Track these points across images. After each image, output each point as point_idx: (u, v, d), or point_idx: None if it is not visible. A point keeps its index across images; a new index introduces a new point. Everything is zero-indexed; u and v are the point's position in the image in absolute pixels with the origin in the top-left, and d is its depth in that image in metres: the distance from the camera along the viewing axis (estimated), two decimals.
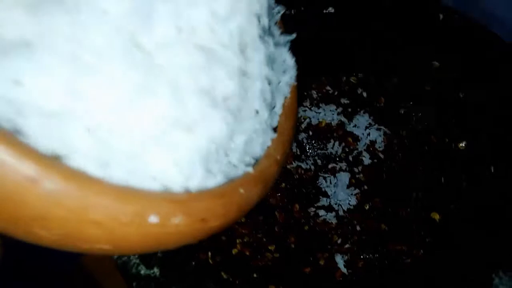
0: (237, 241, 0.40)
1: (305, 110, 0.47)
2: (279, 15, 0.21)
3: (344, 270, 0.37)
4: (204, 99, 0.16)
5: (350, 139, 0.45)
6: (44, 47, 0.13)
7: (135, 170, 0.15)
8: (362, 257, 0.37)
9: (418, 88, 0.38)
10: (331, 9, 0.38)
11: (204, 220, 0.16)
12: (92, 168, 0.14)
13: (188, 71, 0.16)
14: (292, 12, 0.39)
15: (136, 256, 0.27)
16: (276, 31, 0.20)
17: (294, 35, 0.21)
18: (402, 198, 0.40)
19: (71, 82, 0.13)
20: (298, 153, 0.47)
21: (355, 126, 0.45)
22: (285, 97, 0.20)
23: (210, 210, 0.16)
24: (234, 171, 0.17)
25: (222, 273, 0.28)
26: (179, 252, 0.27)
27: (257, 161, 0.19)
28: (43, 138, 0.13)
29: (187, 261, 0.26)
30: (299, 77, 0.21)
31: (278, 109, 0.20)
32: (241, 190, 0.17)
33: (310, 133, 0.47)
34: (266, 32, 0.19)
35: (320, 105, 0.46)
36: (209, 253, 0.31)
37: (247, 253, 0.39)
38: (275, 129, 0.20)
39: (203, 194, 0.16)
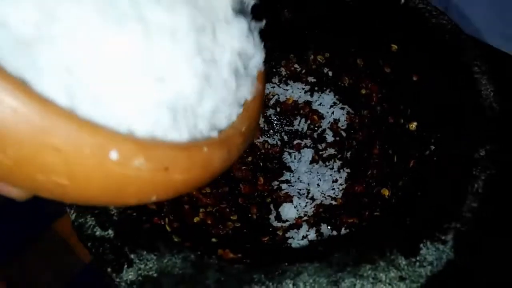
0: (201, 210, 0.42)
1: (273, 87, 0.48)
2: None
3: (299, 240, 0.39)
4: (176, 52, 0.16)
5: (315, 117, 0.47)
6: None
7: (102, 108, 0.15)
8: (316, 228, 0.39)
9: (379, 70, 0.39)
10: None
11: (167, 170, 0.16)
12: (59, 96, 0.14)
13: (163, 17, 0.16)
14: None
15: (93, 218, 0.28)
16: (248, 15, 0.21)
17: (264, 22, 0.21)
18: (359, 175, 0.42)
19: (46, 7, 0.14)
20: (266, 128, 0.49)
21: (320, 104, 0.46)
22: (253, 79, 0.21)
23: (173, 160, 0.16)
24: (199, 135, 0.18)
25: (173, 236, 0.29)
26: (135, 216, 0.28)
27: (222, 131, 0.19)
28: (12, 60, 0.13)
29: (142, 224, 0.28)
30: (269, 57, 0.21)
31: (245, 87, 0.20)
32: (205, 149, 0.17)
33: (278, 109, 0.48)
34: (240, 12, 0.20)
35: (288, 82, 0.47)
36: (167, 219, 0.33)
37: (209, 222, 0.41)
38: (241, 104, 0.20)
39: (168, 143, 0.16)
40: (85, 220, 0.28)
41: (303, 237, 0.40)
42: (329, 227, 0.38)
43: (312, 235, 0.39)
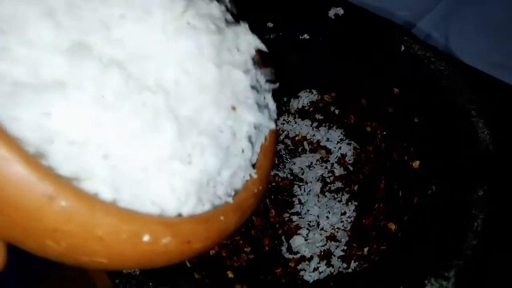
0: None
1: (283, 124, 0.51)
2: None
3: (310, 272, 0.41)
4: (202, 137, 0.19)
5: (323, 152, 0.49)
6: (73, 86, 0.16)
7: (139, 194, 0.17)
8: (326, 261, 0.41)
9: (382, 110, 0.42)
10: (306, 36, 0.42)
11: (189, 242, 0.18)
12: (105, 191, 0.16)
13: (192, 110, 0.19)
14: (271, 36, 0.42)
15: None
16: (262, 79, 0.23)
17: (277, 85, 0.23)
18: (367, 208, 0.44)
19: (93, 116, 0.16)
20: (276, 162, 0.51)
21: (328, 140, 0.49)
22: (265, 137, 0.23)
23: (195, 233, 0.18)
24: (217, 201, 0.20)
25: (195, 273, 0.31)
26: None
27: (236, 193, 0.21)
28: (65, 162, 0.16)
29: None
30: (279, 95, 0.23)
31: (258, 148, 0.22)
32: (222, 217, 0.19)
33: (288, 144, 0.51)
34: (255, 81, 0.22)
35: (297, 119, 0.50)
36: None
37: (224, 254, 0.43)
38: (253, 165, 0.22)
39: (190, 218, 0.18)
40: None
41: (314, 269, 0.41)
42: (339, 259, 0.40)
43: (322, 267, 0.41)
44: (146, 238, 0.17)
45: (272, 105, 0.23)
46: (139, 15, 0.18)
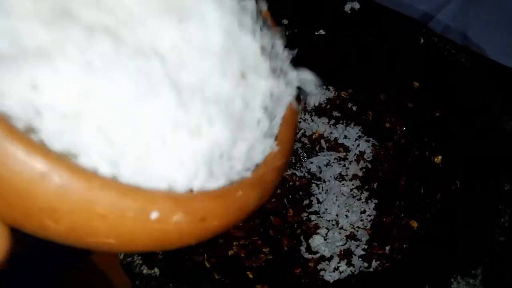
0: (234, 243, 0.44)
1: (300, 122, 0.50)
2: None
3: (331, 272, 0.41)
4: (208, 104, 0.17)
5: (341, 149, 0.48)
6: (58, 55, 0.15)
7: (143, 169, 0.16)
8: (347, 260, 0.40)
9: (401, 105, 0.41)
10: (322, 32, 0.41)
11: (203, 219, 0.17)
12: (102, 166, 0.15)
13: (193, 77, 0.17)
14: (287, 33, 0.42)
15: (140, 257, 0.30)
16: (278, 44, 0.21)
17: (296, 51, 0.22)
18: (387, 206, 0.43)
19: (83, 85, 0.15)
20: (293, 161, 0.51)
21: (345, 137, 0.48)
22: (286, 108, 0.21)
23: (209, 210, 0.17)
24: (234, 176, 0.18)
25: (215, 274, 0.31)
26: (178, 255, 0.31)
27: (256, 167, 0.19)
28: (57, 136, 0.15)
29: (185, 263, 0.30)
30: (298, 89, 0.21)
31: (279, 119, 0.21)
32: (240, 193, 0.18)
33: (305, 143, 0.50)
34: (269, 46, 0.20)
35: (314, 117, 0.49)
36: (205, 256, 0.35)
37: (242, 255, 0.42)
38: (275, 138, 0.20)
39: (203, 194, 0.17)
40: (132, 259, 0.31)
41: (335, 269, 0.41)
42: (360, 259, 0.39)
43: (343, 267, 0.40)
44: (154, 215, 0.16)
45: (291, 72, 0.21)
46: None
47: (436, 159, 0.37)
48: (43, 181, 0.14)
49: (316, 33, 0.42)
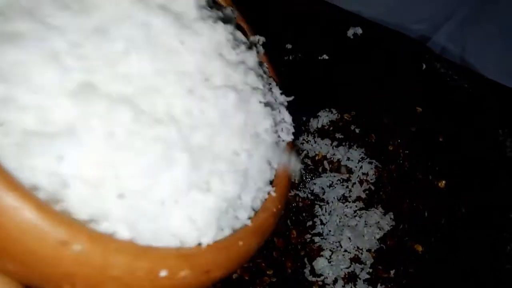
0: None
1: (303, 143, 0.50)
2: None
3: None
4: (218, 163, 0.18)
5: (344, 171, 0.49)
6: (83, 128, 0.16)
7: (158, 229, 0.17)
8: (352, 284, 0.40)
9: (404, 129, 0.41)
10: (325, 56, 0.42)
11: (208, 272, 0.17)
12: (121, 230, 0.16)
13: (204, 137, 0.18)
14: (290, 58, 0.43)
15: None
16: (276, 92, 0.22)
17: (292, 97, 0.23)
18: (390, 228, 0.43)
19: (105, 156, 0.16)
20: (296, 182, 0.51)
21: (348, 159, 0.48)
22: (281, 156, 0.22)
23: (214, 262, 0.18)
24: (237, 224, 0.19)
25: None
26: None
27: (255, 214, 0.20)
28: (81, 205, 0.16)
29: None
30: (297, 109, 0.22)
31: (275, 165, 0.21)
32: (241, 243, 0.18)
33: (308, 164, 0.51)
34: (270, 96, 0.21)
35: (316, 139, 0.50)
36: None
37: (246, 278, 0.42)
38: (271, 183, 0.21)
39: (209, 248, 0.17)
40: None
41: None
42: (365, 282, 0.39)
43: None
44: (163, 273, 0.16)
45: (288, 118, 0.22)
46: (142, 46, 0.18)
47: (440, 184, 0.37)
48: (64, 249, 0.15)
49: (319, 57, 0.42)
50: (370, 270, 0.41)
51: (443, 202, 0.36)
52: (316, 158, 0.50)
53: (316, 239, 0.47)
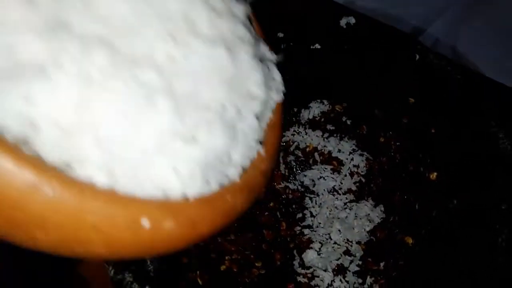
0: (226, 257, 0.43)
1: (293, 134, 0.50)
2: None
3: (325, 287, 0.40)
4: (203, 112, 0.17)
5: (335, 163, 0.48)
6: (54, 67, 0.15)
7: (139, 178, 0.16)
8: (340, 275, 0.40)
9: (396, 120, 0.41)
10: (317, 45, 0.41)
11: (194, 226, 0.17)
12: (98, 176, 0.15)
13: (189, 86, 0.17)
14: (282, 46, 0.42)
15: (130, 275, 0.29)
16: (264, 48, 0.21)
17: (281, 56, 0.21)
18: (381, 221, 0.42)
19: (80, 98, 0.15)
20: (287, 174, 0.50)
21: (339, 151, 0.48)
22: (272, 111, 0.21)
23: (200, 216, 0.17)
24: (224, 180, 0.18)
25: None
26: (170, 272, 0.30)
27: (243, 171, 0.20)
28: (53, 149, 0.15)
29: (178, 281, 0.29)
30: (288, 100, 0.22)
31: (264, 124, 0.21)
32: (228, 197, 0.18)
33: (298, 156, 0.50)
34: (258, 51, 0.20)
35: (307, 130, 0.49)
36: (198, 272, 0.34)
37: (235, 269, 0.42)
38: (261, 142, 0.21)
39: (194, 201, 0.17)
40: (123, 277, 0.30)
41: (329, 285, 0.40)
42: (354, 274, 0.39)
43: (337, 282, 0.40)
44: (145, 224, 0.16)
45: (277, 76, 0.21)
46: None
47: (431, 176, 0.37)
48: (34, 192, 0.14)
49: (311, 47, 0.41)
50: (360, 262, 0.40)
51: (434, 194, 0.36)
52: (307, 149, 0.49)
53: (306, 231, 0.46)
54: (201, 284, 0.32)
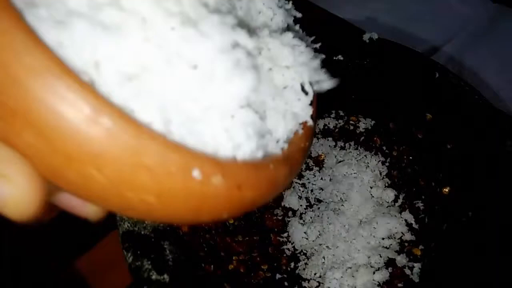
0: (234, 258, 0.43)
1: None
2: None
3: None
4: (273, 92, 0.19)
5: (346, 173, 0.49)
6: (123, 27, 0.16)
7: (193, 132, 0.16)
8: (348, 284, 0.40)
9: (411, 135, 0.42)
10: (340, 57, 0.42)
11: (239, 187, 0.17)
12: (156, 122, 0.15)
13: (270, 67, 0.19)
14: None
15: (149, 262, 0.30)
16: (307, 38, 0.23)
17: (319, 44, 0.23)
18: (391, 232, 0.43)
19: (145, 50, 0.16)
20: (297, 181, 0.51)
21: (351, 162, 0.48)
22: (309, 101, 0.22)
23: (245, 178, 0.17)
24: (269, 152, 0.19)
25: (225, 284, 0.30)
26: (188, 262, 0.30)
27: (284, 146, 0.20)
28: (114, 90, 0.15)
29: (195, 271, 0.29)
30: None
31: (304, 109, 0.22)
32: (271, 166, 0.19)
33: (310, 164, 0.51)
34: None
35: (321, 140, 0.50)
36: (212, 266, 0.34)
37: (242, 270, 0.42)
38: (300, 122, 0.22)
39: (241, 162, 0.17)
40: (141, 264, 0.30)
41: None
42: (362, 283, 0.39)
43: None
44: (196, 173, 0.16)
45: (317, 61, 0.22)
46: None
47: (444, 190, 0.37)
48: (91, 123, 0.14)
49: (334, 58, 0.43)
50: (367, 273, 0.41)
51: (446, 208, 0.37)
52: (319, 158, 0.50)
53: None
54: (217, 277, 0.32)
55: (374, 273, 0.39)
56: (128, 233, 0.31)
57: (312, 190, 0.50)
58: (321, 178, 0.50)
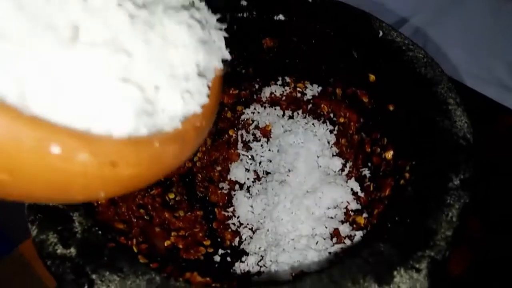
0: (172, 233, 0.41)
1: (253, 113, 0.48)
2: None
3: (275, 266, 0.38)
4: (158, 70, 0.18)
5: (293, 142, 0.46)
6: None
7: (58, 106, 0.15)
8: (290, 256, 0.38)
9: (356, 100, 0.40)
10: (281, 17, 0.40)
11: (114, 164, 0.16)
12: (11, 95, 0.14)
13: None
14: (245, 15, 0.40)
15: (54, 235, 0.27)
16: (211, 17, 0.22)
17: (226, 23, 0.22)
18: (336, 202, 0.41)
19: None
20: (244, 153, 0.48)
21: (298, 130, 0.46)
22: (212, 77, 0.22)
23: (121, 155, 0.16)
24: (156, 129, 0.18)
25: (140, 258, 0.28)
26: (100, 234, 0.27)
27: (176, 124, 0.20)
28: None
29: (107, 243, 0.27)
30: (249, 83, 0.23)
31: (203, 87, 0.21)
32: (156, 144, 0.18)
33: (257, 135, 0.48)
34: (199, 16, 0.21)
35: (268, 109, 0.47)
36: (135, 240, 0.31)
37: (180, 246, 0.39)
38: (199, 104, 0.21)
39: (115, 138, 0.16)
40: (46, 237, 0.27)
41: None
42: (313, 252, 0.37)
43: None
44: (55, 149, 0.14)
45: (220, 41, 0.22)
46: None
47: (387, 155, 0.36)
48: None
49: (275, 17, 0.40)
50: (318, 240, 0.39)
51: (389, 173, 0.35)
52: (266, 129, 0.48)
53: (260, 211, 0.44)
54: (135, 252, 0.30)
55: (316, 243, 0.37)
56: (34, 205, 0.28)
57: (260, 163, 0.47)
58: (269, 150, 0.47)
